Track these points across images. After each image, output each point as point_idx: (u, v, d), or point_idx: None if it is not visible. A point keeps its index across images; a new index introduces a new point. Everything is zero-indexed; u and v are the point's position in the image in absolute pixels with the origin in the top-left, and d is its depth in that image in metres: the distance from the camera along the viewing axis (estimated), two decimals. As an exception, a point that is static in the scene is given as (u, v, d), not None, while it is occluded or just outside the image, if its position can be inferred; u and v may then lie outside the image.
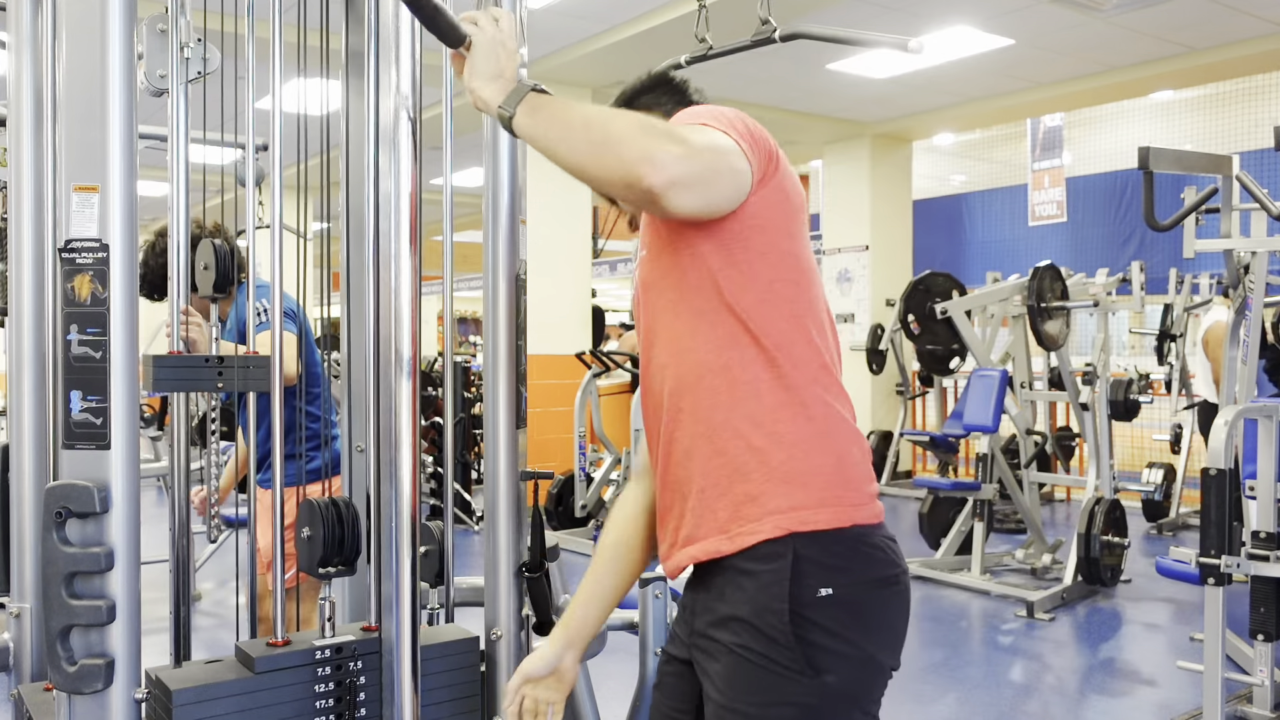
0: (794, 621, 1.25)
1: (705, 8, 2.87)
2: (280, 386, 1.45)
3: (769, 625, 1.25)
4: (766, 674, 1.26)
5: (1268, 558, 3.05)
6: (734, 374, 1.30)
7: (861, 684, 1.30)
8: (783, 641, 1.25)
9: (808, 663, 1.25)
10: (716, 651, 1.30)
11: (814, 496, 1.29)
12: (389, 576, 1.25)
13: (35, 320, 1.59)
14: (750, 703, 1.27)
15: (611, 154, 1.16)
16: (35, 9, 1.60)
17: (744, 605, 1.27)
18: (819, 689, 1.26)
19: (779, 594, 1.26)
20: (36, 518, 1.53)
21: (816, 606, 1.26)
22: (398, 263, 1.23)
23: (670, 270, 1.33)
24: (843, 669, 1.27)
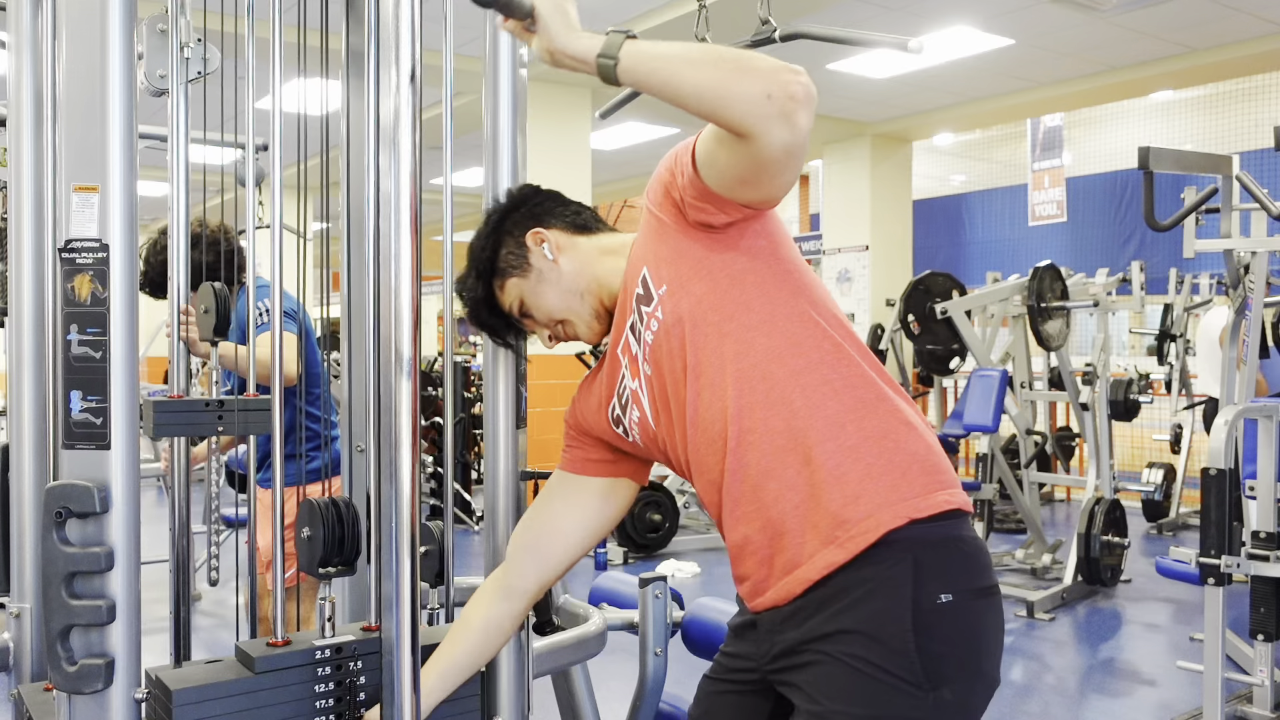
0: (916, 630, 1.20)
1: (705, 8, 2.87)
2: (280, 386, 1.45)
3: (889, 634, 1.20)
4: (878, 685, 1.20)
5: (1268, 558, 3.05)
6: (804, 379, 1.27)
7: (976, 698, 1.25)
8: (901, 651, 1.20)
9: (925, 675, 1.20)
10: (815, 661, 1.25)
11: (917, 483, 1.26)
12: (389, 576, 1.24)
13: (35, 320, 1.59)
14: (854, 713, 1.21)
15: (747, 68, 1.13)
16: (35, 9, 1.60)
17: (859, 614, 1.22)
18: (933, 703, 1.20)
19: (902, 599, 1.21)
20: (36, 518, 1.53)
21: (938, 614, 1.22)
22: (398, 263, 1.23)
23: (704, 300, 1.29)
24: (959, 682, 1.23)
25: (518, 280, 1.40)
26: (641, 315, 1.34)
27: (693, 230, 1.30)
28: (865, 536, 1.23)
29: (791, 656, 1.29)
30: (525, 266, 1.40)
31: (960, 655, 1.24)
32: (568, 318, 1.41)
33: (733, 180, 1.23)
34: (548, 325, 1.42)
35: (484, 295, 1.42)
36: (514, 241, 1.41)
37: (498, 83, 1.44)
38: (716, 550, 6.58)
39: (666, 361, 1.33)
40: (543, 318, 1.42)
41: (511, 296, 1.41)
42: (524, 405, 1.50)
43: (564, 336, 1.44)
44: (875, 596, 1.22)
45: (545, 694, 1.74)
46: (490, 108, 1.45)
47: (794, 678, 1.28)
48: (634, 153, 10.75)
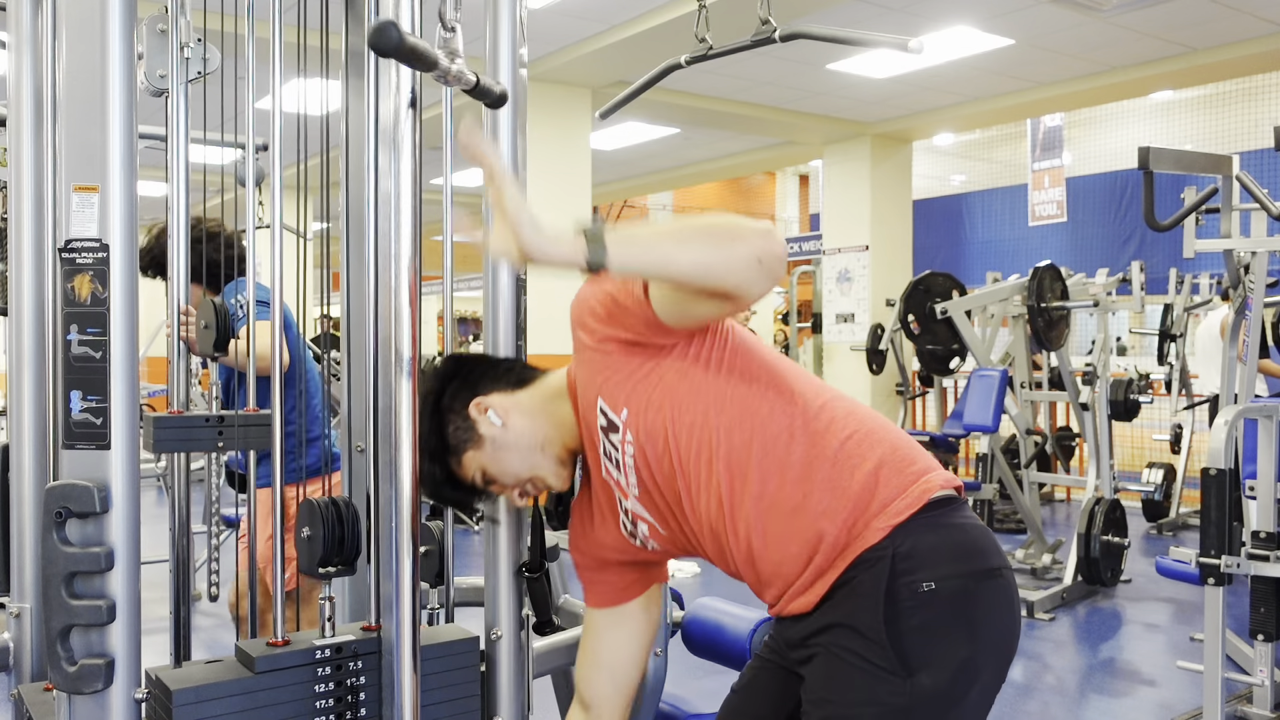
0: (888, 619, 1.25)
1: (705, 8, 2.87)
2: (280, 381, 1.45)
3: (865, 625, 1.26)
4: (858, 672, 1.27)
5: (1268, 558, 3.05)
6: (764, 440, 1.32)
7: (958, 687, 1.27)
8: (875, 639, 1.25)
9: (900, 662, 1.25)
10: (814, 654, 1.33)
11: (891, 488, 1.31)
12: (389, 576, 1.24)
13: (35, 320, 1.59)
14: (842, 701, 1.28)
15: (733, 236, 1.21)
16: (35, 9, 1.60)
17: (843, 609, 1.29)
18: (910, 689, 1.25)
19: (875, 592, 1.27)
20: (36, 518, 1.53)
21: (913, 603, 1.26)
22: (398, 263, 1.23)
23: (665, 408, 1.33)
24: (937, 670, 1.26)
25: (474, 453, 1.38)
26: (613, 443, 1.37)
27: (633, 349, 1.34)
28: (854, 553, 1.30)
29: (799, 649, 1.37)
30: (476, 438, 1.38)
31: (938, 645, 1.26)
32: (535, 474, 1.41)
33: (698, 320, 1.31)
34: (516, 486, 1.41)
35: (444, 476, 1.40)
36: (458, 417, 1.38)
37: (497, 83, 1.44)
38: (716, 550, 6.58)
39: (651, 476, 1.37)
40: (510, 481, 1.40)
41: (472, 469, 1.39)
42: (524, 405, 1.49)
43: (535, 491, 1.43)
44: (855, 593, 1.29)
45: (545, 694, 1.74)
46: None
47: (801, 670, 1.37)
48: (634, 153, 10.75)
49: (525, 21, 1.48)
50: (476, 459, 1.38)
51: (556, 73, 7.36)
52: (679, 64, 2.89)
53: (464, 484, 1.41)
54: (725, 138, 10.25)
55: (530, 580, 1.49)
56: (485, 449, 1.38)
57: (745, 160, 11.45)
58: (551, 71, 7.34)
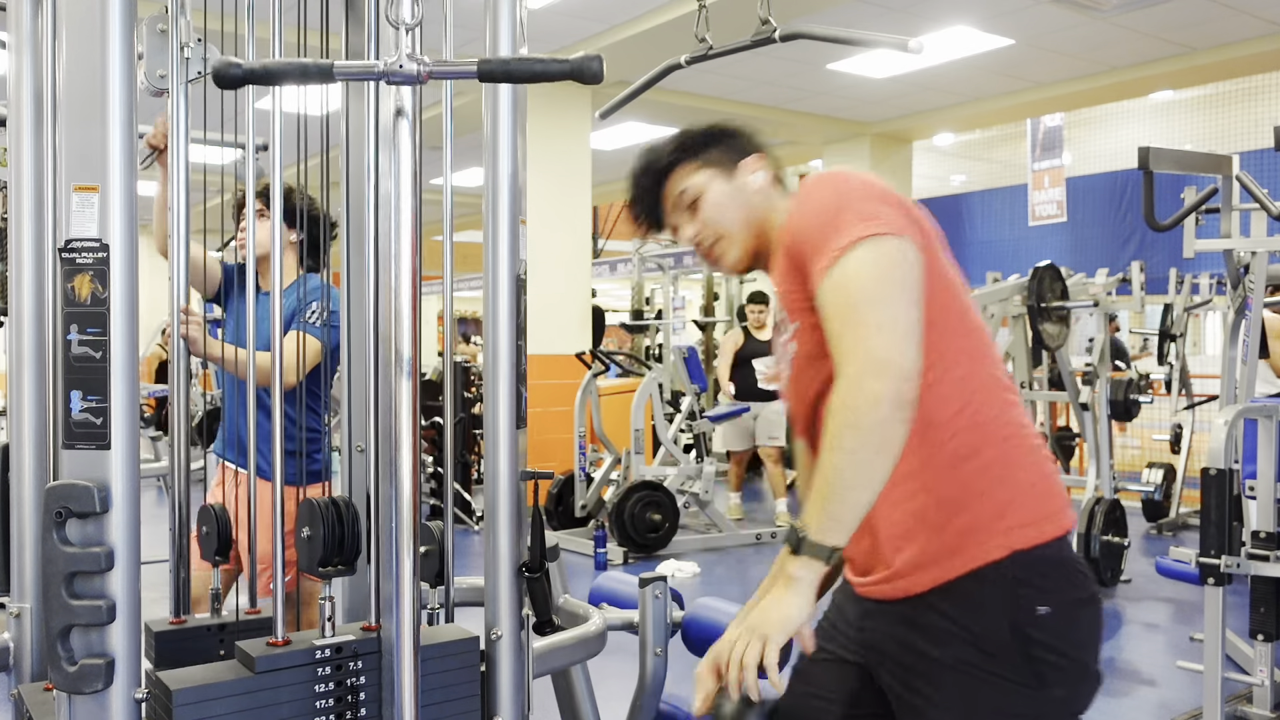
0: (1016, 636, 1.31)
1: (705, 8, 2.87)
2: (280, 389, 1.45)
3: (991, 642, 1.31)
4: (989, 686, 1.31)
5: (1268, 558, 3.05)
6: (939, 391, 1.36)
7: (1082, 695, 1.36)
8: (1005, 656, 1.31)
9: (1035, 676, 1.31)
10: (931, 669, 1.35)
11: (1025, 512, 1.36)
12: (389, 576, 1.24)
13: (35, 320, 1.59)
14: (975, 714, 1.32)
15: (880, 452, 1.24)
16: (35, 9, 1.60)
17: (962, 621, 1.33)
18: (1044, 700, 1.32)
19: (998, 609, 1.32)
20: (36, 518, 1.52)
21: (1037, 623, 1.32)
22: (398, 263, 1.23)
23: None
24: (1068, 684, 1.34)
25: (711, 176, 1.48)
26: (786, 328, 1.48)
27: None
28: (973, 561, 1.34)
29: (891, 653, 1.40)
30: (730, 172, 1.48)
31: (1063, 660, 1.33)
32: (727, 237, 1.49)
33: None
34: (704, 234, 1.50)
35: (666, 165, 1.51)
36: (733, 147, 1.50)
37: (495, 84, 1.44)
38: (716, 550, 6.58)
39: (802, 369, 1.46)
40: (704, 224, 1.49)
41: (689, 184, 1.49)
42: (524, 405, 1.49)
43: (710, 253, 1.51)
44: (976, 608, 1.33)
45: (545, 694, 1.74)
46: (490, 108, 1.45)
47: (912, 681, 1.38)
48: (634, 153, 10.74)
49: (525, 21, 1.48)
50: (706, 184, 1.48)
51: (556, 73, 7.34)
52: (679, 64, 2.89)
53: (659, 200, 1.53)
54: (725, 138, 10.22)
55: (530, 580, 1.49)
56: (724, 188, 1.49)
57: (745, 160, 11.43)
58: (551, 71, 7.32)
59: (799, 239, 1.37)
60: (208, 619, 1.48)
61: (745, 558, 6.45)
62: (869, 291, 1.27)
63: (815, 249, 1.33)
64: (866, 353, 1.24)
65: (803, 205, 1.39)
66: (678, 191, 1.51)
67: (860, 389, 1.23)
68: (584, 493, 6.76)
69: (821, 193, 1.38)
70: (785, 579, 1.26)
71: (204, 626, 1.45)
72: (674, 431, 6.86)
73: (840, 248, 1.30)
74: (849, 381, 1.25)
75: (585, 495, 6.75)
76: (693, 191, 1.50)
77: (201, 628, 1.45)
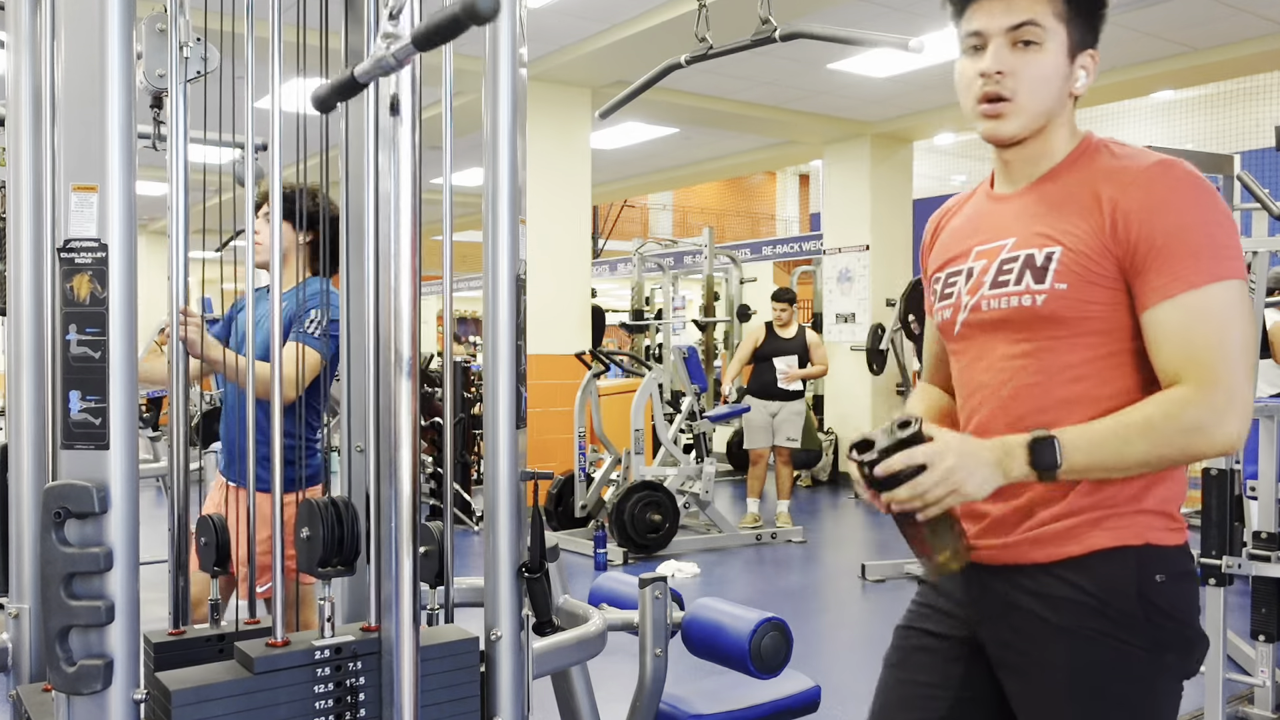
0: (1141, 604, 1.34)
1: (705, 8, 2.87)
2: (280, 401, 1.45)
3: (1115, 609, 1.35)
4: (1112, 653, 1.35)
5: (1269, 558, 3.04)
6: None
7: (1193, 660, 1.42)
8: (1129, 624, 1.35)
9: (1153, 642, 1.36)
10: (1048, 633, 1.38)
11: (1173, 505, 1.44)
12: (389, 576, 1.24)
13: (34, 320, 1.59)
14: (1098, 679, 1.35)
15: (1164, 464, 1.32)
16: (34, 9, 1.59)
17: (1084, 589, 1.36)
18: (1158, 665, 1.37)
19: (1127, 580, 1.35)
20: (35, 518, 1.52)
21: (1156, 591, 1.35)
22: (398, 263, 1.23)
23: None
24: (1179, 646, 1.39)
25: (1061, 42, 1.37)
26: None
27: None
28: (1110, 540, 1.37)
29: (1007, 619, 1.42)
30: (1073, 52, 1.39)
31: (1179, 626, 1.38)
32: (1022, 113, 1.39)
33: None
34: (1006, 85, 1.38)
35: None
36: (1093, 28, 1.41)
37: (497, 83, 1.44)
38: (716, 550, 6.58)
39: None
40: (1018, 82, 1.37)
41: (1038, 22, 1.36)
42: (524, 405, 1.49)
43: (993, 102, 1.39)
44: (1107, 579, 1.36)
45: (545, 694, 1.74)
46: (490, 108, 1.45)
47: (1025, 646, 1.41)
48: (634, 153, 10.75)
49: (525, 21, 1.47)
50: (1048, 47, 1.37)
51: (556, 73, 7.36)
52: (679, 64, 2.89)
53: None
54: (725, 138, 10.24)
55: (530, 580, 1.49)
56: (1059, 64, 1.38)
57: (745, 160, 11.45)
58: (551, 71, 7.33)
59: (1158, 221, 1.30)
60: (207, 630, 1.47)
61: (745, 558, 6.45)
62: (1247, 339, 1.29)
63: (1188, 250, 1.29)
64: (1242, 404, 1.27)
65: (1177, 192, 1.31)
66: (1024, 16, 1.36)
67: (1220, 421, 1.26)
68: (584, 493, 6.76)
69: (1199, 196, 1.32)
70: (1001, 473, 1.28)
71: (203, 637, 1.45)
72: (674, 431, 6.86)
73: (1226, 271, 1.29)
74: (1213, 412, 1.27)
75: (585, 495, 6.75)
76: (1035, 36, 1.37)
77: (201, 639, 1.45)
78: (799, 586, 5.82)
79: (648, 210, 18.90)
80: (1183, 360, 1.29)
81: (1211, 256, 1.28)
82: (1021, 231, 1.40)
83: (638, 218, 18.35)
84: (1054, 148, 1.42)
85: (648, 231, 17.74)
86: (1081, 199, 1.36)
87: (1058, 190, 1.40)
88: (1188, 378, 1.28)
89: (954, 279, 1.50)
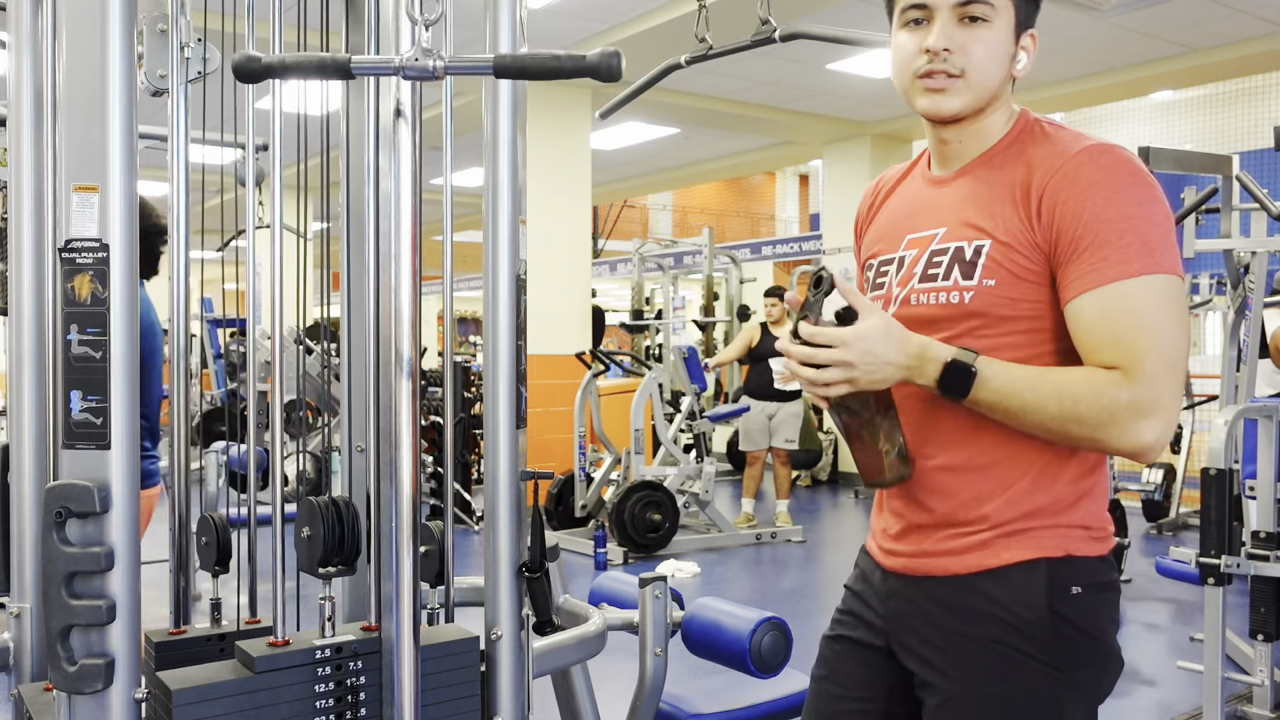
0: (1052, 618, 1.30)
1: (705, 8, 2.87)
2: (280, 384, 1.45)
3: (1025, 621, 1.30)
4: (1021, 669, 1.31)
5: (1268, 558, 3.05)
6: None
7: (1105, 679, 1.36)
8: (1041, 638, 1.30)
9: (1062, 658, 1.31)
10: (960, 646, 1.34)
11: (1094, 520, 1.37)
12: (389, 576, 1.24)
13: (35, 320, 1.59)
14: (1001, 694, 1.31)
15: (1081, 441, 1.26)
16: (35, 9, 1.60)
17: (999, 602, 1.32)
18: (1069, 684, 1.31)
19: (1039, 589, 1.31)
20: (36, 518, 1.52)
21: (1070, 604, 1.31)
22: (398, 263, 1.23)
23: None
24: (1090, 664, 1.33)
25: (1010, 19, 1.34)
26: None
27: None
28: (1028, 553, 1.33)
29: (920, 631, 1.39)
30: (1019, 33, 1.36)
31: (1091, 642, 1.33)
32: (969, 90, 1.34)
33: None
34: (954, 61, 1.33)
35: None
36: (1035, 12, 1.37)
37: (497, 83, 1.44)
38: (716, 550, 6.58)
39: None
40: (967, 58, 1.33)
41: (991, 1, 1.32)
42: (524, 405, 1.49)
43: (938, 79, 1.34)
44: (1015, 590, 1.32)
45: (545, 694, 1.74)
46: (490, 108, 1.45)
47: (933, 658, 1.37)
48: (634, 153, 10.75)
49: (525, 21, 1.48)
50: (997, 22, 1.33)
51: (556, 73, 7.34)
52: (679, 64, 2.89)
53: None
54: (725, 138, 10.25)
55: (530, 580, 1.49)
56: (1004, 40, 1.34)
57: (745, 160, 11.45)
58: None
59: (1083, 210, 1.26)
60: (208, 629, 1.47)
61: (745, 558, 6.45)
62: (1177, 342, 1.25)
63: (1112, 240, 1.25)
64: (1166, 408, 1.23)
65: (1105, 180, 1.27)
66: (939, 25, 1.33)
67: (1137, 423, 1.22)
68: (584, 493, 6.76)
69: (1130, 184, 1.27)
70: (913, 374, 1.27)
71: (204, 636, 1.45)
72: (674, 431, 6.86)
73: (1155, 265, 1.26)
74: (1134, 405, 1.22)
75: (585, 495, 6.75)
76: (984, 14, 1.33)
77: (201, 638, 1.45)
78: (799, 586, 5.83)
79: (648, 210, 18.90)
80: (1109, 356, 1.24)
81: (1140, 248, 1.24)
82: (952, 221, 1.37)
83: (638, 218, 18.35)
84: (990, 129, 1.39)
85: (648, 231, 17.75)
86: (1012, 186, 1.32)
87: (991, 175, 1.36)
88: (1120, 368, 1.23)
89: (886, 268, 1.46)
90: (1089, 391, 1.22)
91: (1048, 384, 1.24)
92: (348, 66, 1.12)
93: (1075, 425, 1.23)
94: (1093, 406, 1.22)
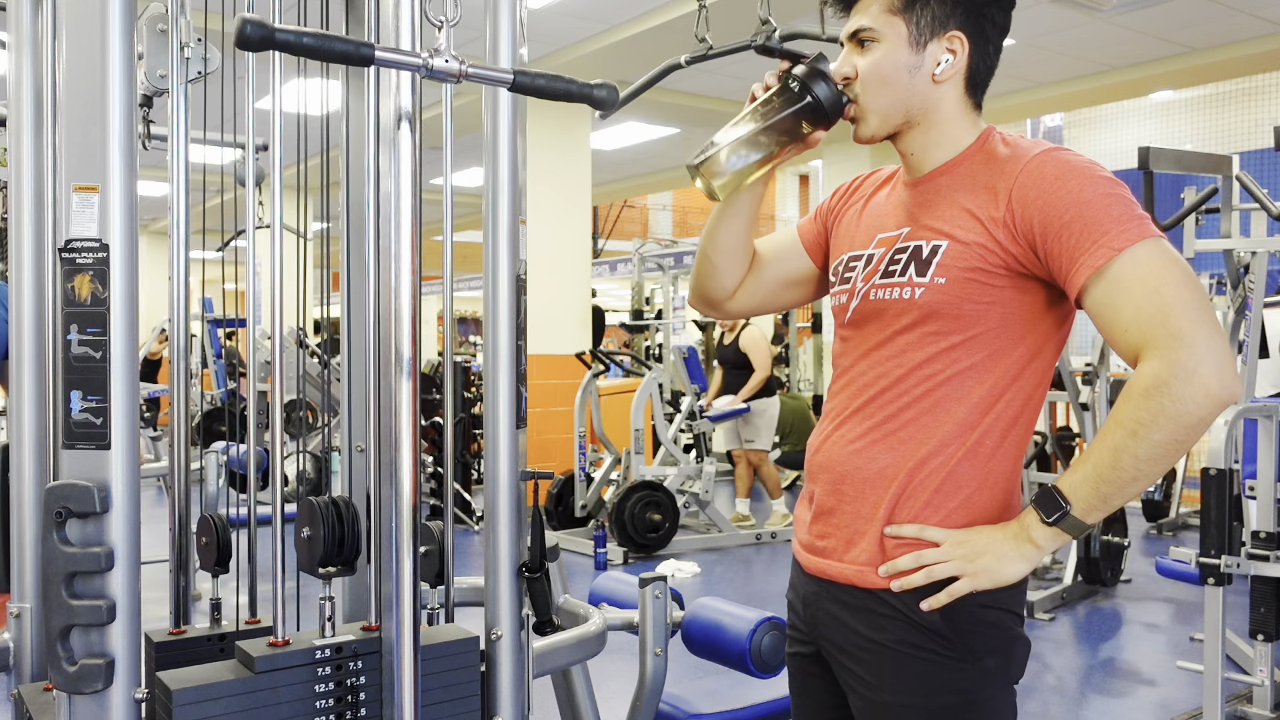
0: (944, 613, 1.32)
1: (705, 8, 2.87)
2: (281, 385, 1.45)
3: (925, 619, 1.33)
4: (923, 663, 1.33)
5: (1268, 558, 3.05)
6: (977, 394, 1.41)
7: (1017, 662, 1.37)
8: (938, 631, 1.32)
9: (967, 650, 1.33)
10: (870, 650, 1.37)
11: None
12: (389, 576, 1.24)
13: (35, 320, 1.59)
14: (916, 693, 1.33)
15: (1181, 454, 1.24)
16: (35, 9, 1.60)
17: (899, 603, 1.35)
18: (979, 673, 1.33)
19: (930, 587, 1.33)
20: (36, 518, 1.52)
21: (964, 598, 1.32)
22: (398, 263, 1.23)
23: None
24: (996, 650, 1.34)
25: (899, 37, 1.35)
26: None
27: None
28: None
29: (837, 637, 1.41)
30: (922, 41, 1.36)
31: (992, 630, 1.34)
32: (873, 113, 1.39)
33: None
34: (851, 87, 1.38)
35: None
36: (948, 12, 1.36)
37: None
38: (716, 550, 6.58)
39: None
40: (862, 84, 1.37)
41: (869, 24, 1.35)
42: (524, 405, 1.49)
43: (849, 94, 1.38)
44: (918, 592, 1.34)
45: (545, 694, 1.74)
46: (490, 108, 1.45)
47: (849, 663, 1.40)
48: (634, 153, 10.75)
49: (525, 21, 1.48)
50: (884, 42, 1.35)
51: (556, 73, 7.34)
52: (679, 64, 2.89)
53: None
54: (725, 138, 10.22)
55: (530, 580, 1.49)
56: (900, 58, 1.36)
57: (745, 160, 11.42)
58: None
59: (1056, 202, 1.26)
60: (208, 629, 1.47)
61: (745, 558, 6.45)
62: (1191, 288, 1.20)
63: (1091, 223, 1.24)
64: (1211, 349, 1.16)
65: (1066, 175, 1.28)
66: (856, 24, 1.38)
67: (1193, 381, 1.16)
68: (584, 493, 6.77)
69: (1088, 174, 1.28)
70: (1026, 541, 1.28)
71: (204, 636, 1.45)
72: (674, 431, 6.86)
73: (1148, 230, 1.24)
74: (1178, 368, 1.16)
75: (585, 495, 6.76)
76: (869, 37, 1.37)
77: (202, 638, 1.45)
78: (799, 586, 5.82)
79: (648, 210, 18.90)
80: (1135, 333, 1.22)
81: (1130, 219, 1.23)
82: (914, 222, 1.40)
83: (638, 218, 18.34)
84: (944, 138, 1.40)
85: (648, 231, 17.74)
86: (977, 192, 1.34)
87: (954, 182, 1.38)
88: (1145, 348, 1.21)
89: (854, 263, 1.48)
90: (1138, 408, 1.21)
91: (1109, 438, 1.24)
92: (371, 55, 1.12)
93: (1165, 438, 1.21)
94: (1156, 415, 1.19)
